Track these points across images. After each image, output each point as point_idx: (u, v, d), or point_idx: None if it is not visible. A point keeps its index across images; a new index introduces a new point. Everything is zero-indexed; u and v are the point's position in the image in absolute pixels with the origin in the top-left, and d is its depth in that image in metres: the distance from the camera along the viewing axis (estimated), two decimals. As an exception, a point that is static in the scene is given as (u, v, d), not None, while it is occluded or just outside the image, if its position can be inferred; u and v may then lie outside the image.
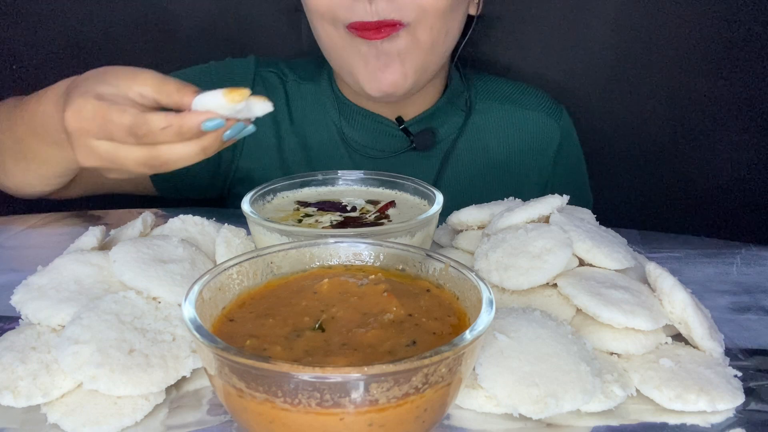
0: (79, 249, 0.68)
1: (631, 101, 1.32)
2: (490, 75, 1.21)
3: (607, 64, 1.30)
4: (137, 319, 0.57)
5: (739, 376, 0.58)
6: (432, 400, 0.43)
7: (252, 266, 0.54)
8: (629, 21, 1.27)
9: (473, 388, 0.54)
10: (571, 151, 1.18)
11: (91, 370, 0.52)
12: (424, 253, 0.55)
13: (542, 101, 1.15)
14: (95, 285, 0.62)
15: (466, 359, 0.44)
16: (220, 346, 0.42)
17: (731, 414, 0.55)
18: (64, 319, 0.58)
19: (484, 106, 1.13)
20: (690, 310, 0.59)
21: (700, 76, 1.29)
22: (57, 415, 0.51)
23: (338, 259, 0.57)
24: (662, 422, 0.53)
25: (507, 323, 0.56)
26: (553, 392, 0.51)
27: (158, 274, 0.61)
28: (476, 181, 1.11)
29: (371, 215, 0.73)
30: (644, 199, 1.39)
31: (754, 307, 0.73)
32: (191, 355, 0.56)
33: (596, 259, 0.65)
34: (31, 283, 0.62)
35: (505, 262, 0.63)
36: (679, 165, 1.35)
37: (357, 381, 0.39)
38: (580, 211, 0.76)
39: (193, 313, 0.45)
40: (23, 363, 0.54)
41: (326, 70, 1.10)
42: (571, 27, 1.29)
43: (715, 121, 1.32)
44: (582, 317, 0.61)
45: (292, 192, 0.79)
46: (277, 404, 0.40)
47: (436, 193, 0.73)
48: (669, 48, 1.28)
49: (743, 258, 0.86)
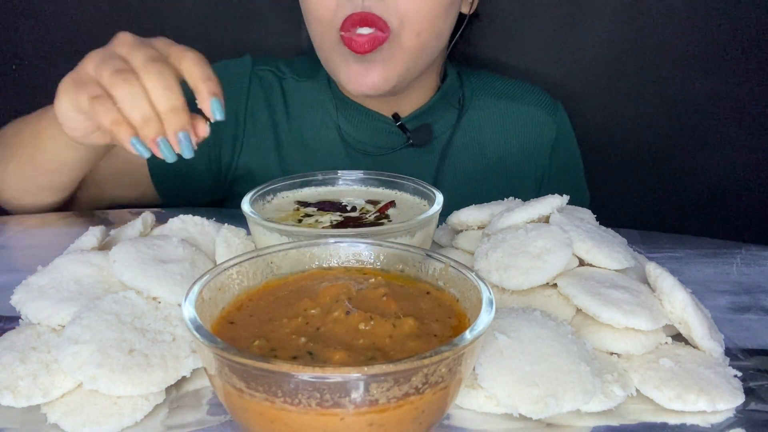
0: (79, 249, 0.68)
1: (631, 101, 1.33)
2: (487, 72, 1.21)
3: (607, 63, 1.30)
4: (137, 319, 0.57)
5: (739, 376, 0.58)
6: (432, 401, 0.43)
7: (252, 266, 0.54)
8: (628, 19, 1.27)
9: (473, 388, 0.54)
10: (568, 147, 1.18)
11: (91, 370, 0.52)
12: (424, 254, 0.55)
13: (538, 97, 1.16)
14: (95, 285, 0.62)
15: (466, 359, 0.44)
16: (220, 346, 0.42)
17: (731, 414, 0.55)
18: (64, 319, 0.58)
19: (480, 102, 1.13)
20: (690, 310, 0.59)
21: (700, 76, 1.29)
22: (57, 415, 0.51)
23: (338, 259, 0.57)
24: (662, 422, 0.53)
25: (507, 323, 0.56)
26: (553, 392, 0.51)
27: (158, 274, 0.61)
28: (474, 177, 1.12)
29: (371, 215, 0.73)
30: (644, 199, 1.39)
31: (754, 307, 0.73)
32: (191, 355, 0.56)
33: (596, 259, 0.65)
34: (31, 283, 0.62)
35: (505, 262, 0.63)
36: (679, 165, 1.35)
37: (357, 381, 0.39)
38: (580, 211, 0.76)
39: (193, 313, 0.45)
40: (23, 363, 0.54)
41: (324, 68, 1.11)
42: (570, 25, 1.29)
43: (715, 121, 1.32)
44: (582, 317, 0.61)
45: (292, 192, 0.79)
46: (277, 404, 0.40)
47: (436, 193, 0.73)
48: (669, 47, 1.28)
49: (743, 258, 0.86)
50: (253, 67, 1.11)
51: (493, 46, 1.30)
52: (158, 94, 0.65)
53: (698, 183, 1.36)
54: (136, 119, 0.65)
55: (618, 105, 1.33)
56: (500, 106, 1.14)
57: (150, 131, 0.66)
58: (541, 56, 1.32)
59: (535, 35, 1.31)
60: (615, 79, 1.31)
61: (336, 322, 0.48)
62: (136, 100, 0.65)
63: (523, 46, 1.32)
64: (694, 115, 1.32)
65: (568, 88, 1.30)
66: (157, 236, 0.69)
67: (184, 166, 1.04)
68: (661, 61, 1.29)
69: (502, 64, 1.31)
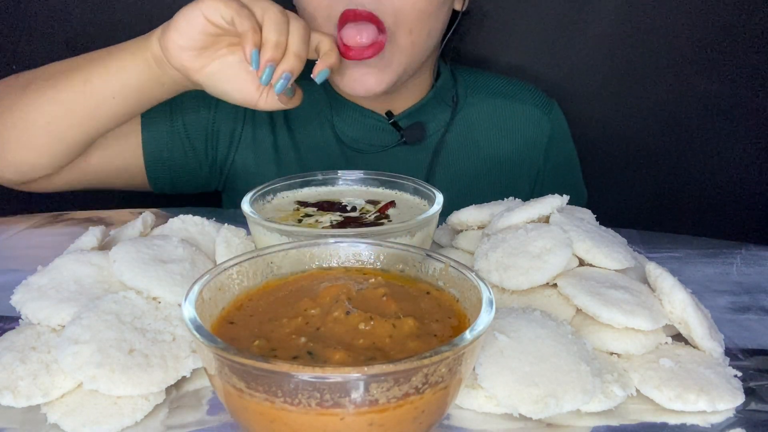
0: (79, 249, 0.68)
1: (629, 100, 1.32)
2: (481, 70, 1.21)
3: (604, 62, 1.30)
4: (137, 319, 0.57)
5: (739, 376, 0.58)
6: (432, 401, 0.43)
7: (252, 266, 0.54)
8: (627, 18, 1.27)
9: (473, 388, 0.54)
10: (563, 145, 1.18)
11: (91, 370, 0.52)
12: (424, 253, 0.55)
13: (533, 95, 1.16)
14: (95, 285, 0.62)
15: (466, 359, 0.44)
16: (220, 346, 0.42)
17: (731, 414, 0.55)
18: (64, 319, 0.58)
19: (474, 99, 1.14)
20: (690, 310, 0.59)
21: (700, 75, 1.29)
22: (57, 415, 0.51)
23: (338, 259, 0.57)
24: (662, 422, 0.53)
25: (507, 323, 0.56)
26: (553, 392, 0.51)
27: (158, 274, 0.61)
28: (468, 175, 1.12)
29: (371, 215, 0.73)
30: (644, 199, 1.39)
31: (754, 307, 0.73)
32: (191, 355, 0.56)
33: (596, 259, 0.65)
34: (31, 283, 0.62)
35: (505, 262, 0.63)
36: (679, 165, 1.35)
37: (357, 381, 0.39)
38: (580, 211, 0.76)
39: (193, 313, 0.45)
40: (23, 363, 0.54)
41: None
42: (567, 24, 1.29)
43: (715, 121, 1.32)
44: (582, 317, 0.61)
45: (292, 192, 0.79)
46: (277, 404, 0.40)
47: (436, 193, 0.73)
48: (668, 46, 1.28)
49: (743, 258, 0.86)
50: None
51: (488, 45, 1.30)
52: (296, 39, 0.79)
53: (698, 183, 1.36)
54: (271, 39, 0.77)
55: (617, 104, 1.33)
56: (494, 104, 1.14)
57: (271, 54, 0.77)
58: (537, 55, 1.32)
59: (530, 34, 1.31)
60: (613, 78, 1.31)
61: (336, 322, 0.48)
62: (281, 29, 0.78)
63: (519, 44, 1.32)
64: (693, 115, 1.32)
65: (565, 87, 1.30)
66: (157, 236, 0.69)
67: (179, 155, 1.04)
68: (659, 60, 1.29)
69: (497, 62, 1.31)
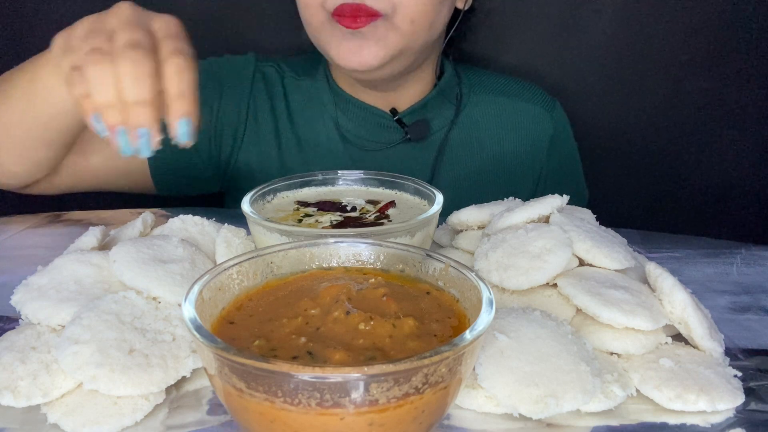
0: (79, 249, 0.68)
1: (630, 100, 1.32)
2: (484, 69, 1.21)
3: (605, 61, 1.30)
4: (137, 319, 0.57)
5: (739, 376, 0.58)
6: (432, 401, 0.43)
7: (252, 266, 0.54)
8: (628, 17, 1.27)
9: (473, 388, 0.54)
10: (565, 144, 1.19)
11: (91, 370, 0.52)
12: (424, 254, 0.55)
13: (535, 94, 1.16)
14: (95, 285, 0.62)
15: (466, 359, 0.44)
16: (220, 346, 0.41)
17: (731, 414, 0.55)
18: (64, 319, 0.58)
19: (477, 98, 1.14)
20: (690, 310, 0.59)
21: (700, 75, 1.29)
22: (57, 415, 0.51)
23: (338, 259, 0.57)
24: (662, 422, 0.53)
25: (507, 323, 0.56)
26: (553, 392, 0.51)
27: (158, 274, 0.61)
28: (471, 173, 1.12)
29: (371, 215, 0.73)
30: (644, 199, 1.39)
31: (754, 307, 0.73)
32: (191, 355, 0.56)
33: (596, 259, 0.65)
34: (31, 283, 0.62)
35: (505, 262, 0.63)
36: (679, 165, 1.35)
37: (357, 381, 0.39)
38: (580, 211, 0.76)
39: (193, 313, 0.45)
40: (23, 363, 0.54)
41: (322, 66, 1.12)
42: (569, 24, 1.29)
43: (715, 121, 1.32)
44: (582, 317, 0.61)
45: (292, 192, 0.79)
46: (277, 404, 0.40)
47: (436, 193, 0.73)
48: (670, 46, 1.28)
49: (743, 258, 0.86)
50: (258, 63, 1.12)
51: (490, 44, 1.30)
52: (128, 84, 0.63)
53: (698, 183, 1.36)
54: (98, 101, 0.64)
55: (617, 104, 1.33)
56: (498, 103, 1.14)
57: (110, 118, 0.64)
58: (539, 55, 1.32)
59: (533, 33, 1.31)
60: (614, 77, 1.31)
61: (336, 322, 0.48)
62: (103, 84, 0.63)
63: (521, 44, 1.32)
64: (694, 115, 1.32)
65: (567, 87, 1.30)
66: (157, 236, 0.69)
67: (184, 158, 1.04)
68: (661, 60, 1.29)
69: (499, 61, 1.31)
